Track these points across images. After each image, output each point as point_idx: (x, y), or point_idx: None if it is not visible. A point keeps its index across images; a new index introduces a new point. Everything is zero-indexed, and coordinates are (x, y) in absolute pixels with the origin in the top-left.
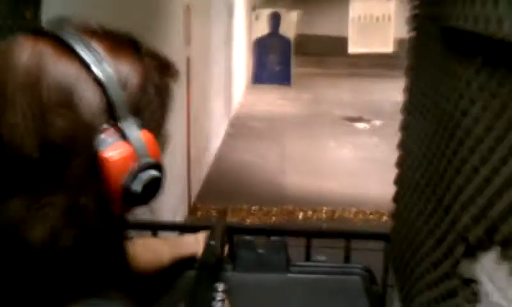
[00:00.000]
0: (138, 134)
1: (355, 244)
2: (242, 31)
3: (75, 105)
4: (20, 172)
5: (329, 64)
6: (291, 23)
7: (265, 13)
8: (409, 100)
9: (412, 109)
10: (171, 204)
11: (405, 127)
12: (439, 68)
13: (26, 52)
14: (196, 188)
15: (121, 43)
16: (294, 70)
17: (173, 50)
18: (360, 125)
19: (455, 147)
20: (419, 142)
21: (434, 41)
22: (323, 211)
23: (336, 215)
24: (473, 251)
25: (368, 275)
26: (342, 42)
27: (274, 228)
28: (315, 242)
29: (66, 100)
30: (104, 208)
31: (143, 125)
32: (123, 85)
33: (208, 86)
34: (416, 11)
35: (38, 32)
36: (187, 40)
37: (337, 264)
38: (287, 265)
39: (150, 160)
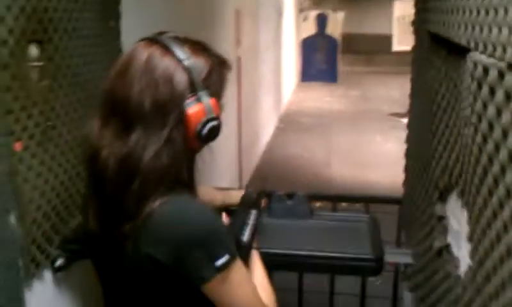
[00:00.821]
0: (207, 100)
1: (376, 208)
2: (290, 32)
3: (173, 81)
4: (139, 117)
5: (376, 62)
6: (337, 24)
7: (312, 14)
8: (412, 92)
9: (414, 97)
10: None
11: (410, 111)
12: (427, 63)
13: (145, 51)
14: (246, 176)
15: (197, 45)
16: (342, 68)
17: (225, 51)
18: (406, 120)
19: (436, 125)
20: (418, 123)
21: (425, 43)
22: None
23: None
24: (443, 195)
25: (373, 222)
26: (387, 40)
27: (306, 194)
28: (341, 206)
29: (169, 80)
30: (186, 142)
31: (210, 95)
32: (200, 72)
33: (258, 83)
34: (415, 18)
35: (151, 39)
36: (238, 42)
37: (350, 214)
38: (310, 214)
39: (213, 115)
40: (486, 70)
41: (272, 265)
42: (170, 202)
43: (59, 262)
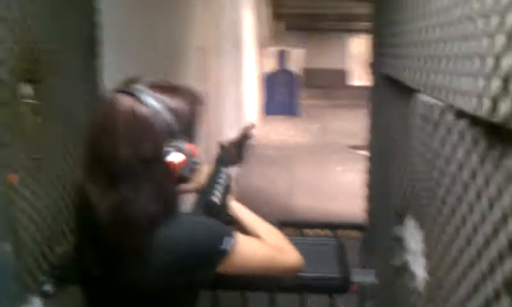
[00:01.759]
0: (186, 147)
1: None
2: (252, 67)
3: (155, 134)
4: (127, 172)
5: (333, 96)
6: (298, 59)
7: (274, 50)
8: (371, 127)
9: (372, 131)
10: None
11: (370, 145)
12: (383, 100)
13: (123, 106)
14: None
15: (172, 90)
16: (303, 102)
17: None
18: (363, 152)
19: (392, 156)
20: (377, 155)
21: (381, 82)
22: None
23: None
24: (400, 219)
25: (339, 245)
26: (342, 75)
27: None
28: (307, 234)
29: (151, 134)
30: (171, 186)
31: (188, 135)
32: (177, 116)
33: (222, 118)
34: (372, 61)
35: (127, 92)
36: (202, 78)
37: (318, 237)
38: None
39: (194, 159)
40: (430, 109)
41: (245, 286)
42: (165, 228)
43: (47, 288)
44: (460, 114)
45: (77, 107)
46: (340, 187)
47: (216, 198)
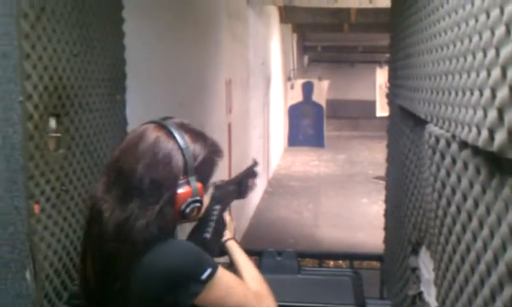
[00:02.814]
0: (195, 184)
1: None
2: (278, 99)
3: (172, 164)
4: (138, 190)
5: (361, 127)
6: (322, 91)
7: (299, 82)
8: (388, 157)
9: (389, 161)
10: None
11: (387, 174)
12: (398, 131)
13: (153, 133)
14: (237, 238)
15: (197, 135)
16: (328, 133)
17: (216, 118)
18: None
19: (407, 186)
20: (393, 185)
21: (396, 113)
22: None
23: (364, 264)
24: (415, 249)
25: (356, 276)
26: (371, 106)
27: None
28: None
29: (168, 163)
30: (172, 216)
31: (199, 179)
32: (195, 158)
33: (248, 148)
34: (389, 92)
35: (159, 124)
36: (229, 109)
37: (335, 269)
38: (298, 269)
39: (197, 198)
40: (437, 140)
41: None
42: (153, 251)
43: None
44: (463, 144)
45: (102, 140)
46: (366, 218)
47: (208, 234)
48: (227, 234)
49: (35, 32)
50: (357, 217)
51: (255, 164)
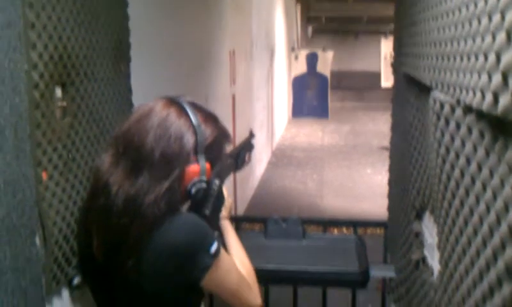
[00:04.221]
0: (204, 164)
1: (366, 233)
2: (282, 70)
3: (183, 140)
4: (148, 163)
5: (365, 98)
6: (327, 61)
7: (303, 53)
8: (392, 125)
9: (394, 130)
10: None
11: (391, 143)
12: (403, 99)
13: (165, 108)
14: (241, 208)
15: (209, 116)
16: (332, 103)
17: (220, 89)
18: None
19: (411, 153)
20: (397, 153)
21: (401, 82)
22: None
23: (368, 232)
24: (419, 214)
25: (360, 242)
26: (376, 77)
27: (301, 218)
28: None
29: (180, 138)
30: (180, 193)
31: (207, 159)
32: (205, 138)
33: (252, 119)
34: (394, 60)
35: (171, 100)
36: (232, 80)
37: (340, 235)
38: (303, 235)
39: (204, 178)
40: (442, 105)
41: (269, 279)
42: (163, 228)
43: (76, 281)
44: (468, 109)
45: (107, 110)
46: (370, 188)
47: (207, 210)
48: (223, 211)
49: (39, 2)
50: (361, 187)
51: (252, 136)
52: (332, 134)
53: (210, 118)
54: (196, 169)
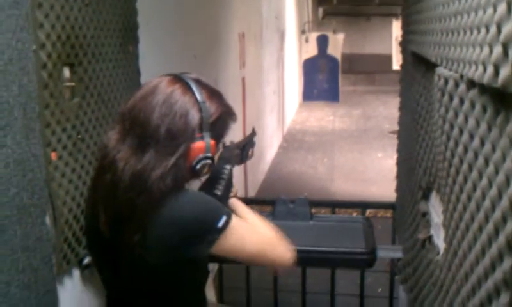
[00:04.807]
0: (209, 140)
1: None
2: (293, 53)
3: (188, 117)
4: (154, 139)
5: (377, 82)
6: (338, 44)
7: (314, 35)
8: (400, 105)
9: (402, 110)
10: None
11: (400, 123)
12: (411, 78)
13: (169, 84)
14: (252, 192)
15: (213, 93)
16: (343, 87)
17: (230, 72)
18: None
19: (418, 132)
20: (405, 133)
21: (409, 61)
22: (367, 212)
23: (379, 214)
24: (425, 194)
25: (367, 223)
26: (387, 60)
27: (308, 199)
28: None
29: (185, 114)
30: (186, 169)
31: (212, 136)
32: (210, 115)
33: (262, 103)
34: (402, 39)
35: (176, 76)
36: (242, 63)
37: (347, 216)
38: (310, 216)
39: (209, 155)
40: (446, 81)
41: None
42: (169, 203)
43: (86, 260)
44: (471, 84)
45: (115, 91)
46: (380, 172)
47: (218, 191)
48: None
49: None
50: (372, 171)
51: (254, 133)
52: (343, 118)
53: (215, 95)
54: (201, 145)
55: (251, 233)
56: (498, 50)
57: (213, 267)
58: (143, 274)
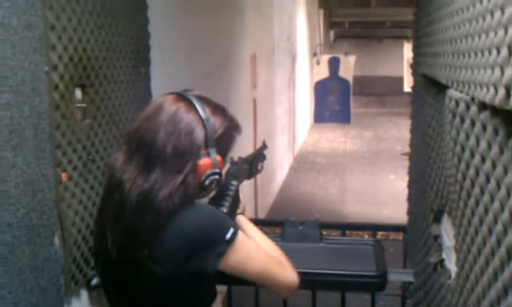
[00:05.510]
0: (215, 156)
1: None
2: (304, 75)
3: (193, 134)
4: (160, 158)
5: (389, 104)
6: (349, 66)
7: (325, 58)
8: (412, 127)
9: (413, 132)
10: None
11: (411, 145)
12: (422, 100)
13: (173, 103)
14: (262, 214)
15: (217, 108)
16: (355, 109)
17: (241, 93)
18: None
19: (429, 154)
20: (416, 155)
21: (420, 83)
22: (378, 235)
23: (391, 237)
24: (437, 217)
25: (378, 245)
26: (399, 82)
27: (318, 221)
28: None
29: (190, 132)
30: (194, 186)
31: (218, 152)
32: (215, 131)
33: (273, 124)
34: (413, 61)
35: (179, 95)
36: (253, 84)
37: (357, 238)
38: (320, 238)
39: (217, 170)
40: (457, 103)
41: None
42: (177, 217)
43: (94, 281)
44: (482, 106)
45: (127, 112)
46: (392, 194)
47: (225, 208)
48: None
49: (59, 3)
50: (383, 193)
51: (265, 146)
52: (355, 140)
53: (219, 110)
54: (208, 162)
55: (256, 250)
56: (509, 71)
57: (222, 289)
58: (151, 293)
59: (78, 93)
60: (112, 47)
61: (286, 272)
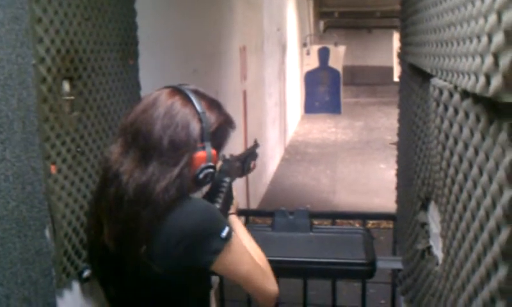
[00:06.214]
0: (210, 150)
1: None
2: (294, 66)
3: (189, 128)
4: (157, 151)
5: (379, 93)
6: (339, 56)
7: (315, 48)
8: (400, 117)
9: (401, 121)
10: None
11: (399, 134)
12: (408, 89)
13: (169, 96)
14: (254, 204)
15: (212, 103)
16: (345, 99)
17: (231, 85)
18: None
19: (416, 142)
20: (404, 144)
21: (407, 72)
22: (370, 224)
23: (382, 225)
24: (424, 204)
25: (367, 234)
26: (389, 72)
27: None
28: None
29: (186, 126)
30: (190, 179)
31: (213, 145)
32: (210, 125)
33: (263, 116)
34: (400, 51)
35: (175, 88)
36: (243, 76)
37: (347, 227)
38: (310, 227)
39: (211, 164)
40: (441, 91)
41: (277, 272)
42: (173, 212)
43: (86, 273)
44: (465, 94)
45: (115, 104)
46: (383, 183)
47: (218, 205)
48: (231, 209)
49: None
50: (374, 183)
51: (257, 145)
52: (345, 130)
53: (214, 104)
54: (203, 155)
55: (247, 253)
56: (489, 60)
57: (214, 280)
58: (148, 287)
59: (66, 86)
60: (100, 39)
61: (268, 283)
